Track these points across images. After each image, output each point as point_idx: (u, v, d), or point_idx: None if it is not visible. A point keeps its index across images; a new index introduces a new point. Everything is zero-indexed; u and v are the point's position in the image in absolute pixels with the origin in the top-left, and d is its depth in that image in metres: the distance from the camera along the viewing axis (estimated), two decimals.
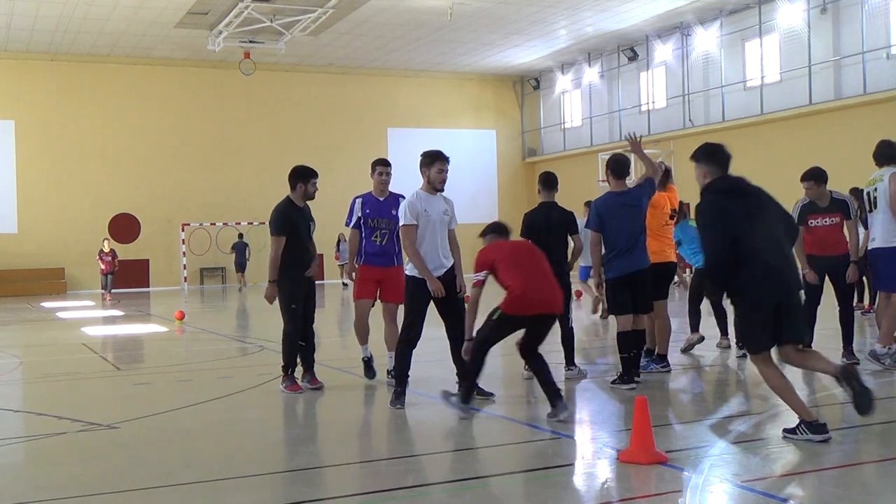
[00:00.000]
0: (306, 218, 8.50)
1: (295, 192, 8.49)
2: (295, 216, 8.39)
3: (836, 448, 5.57)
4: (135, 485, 5.23)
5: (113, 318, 18.88)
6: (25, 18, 26.03)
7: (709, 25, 28.27)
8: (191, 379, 9.89)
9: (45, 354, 12.57)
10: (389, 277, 8.40)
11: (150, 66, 31.51)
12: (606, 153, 31.85)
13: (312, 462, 5.74)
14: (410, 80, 35.28)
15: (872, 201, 8.47)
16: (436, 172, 7.49)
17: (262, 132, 33.09)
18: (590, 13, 27.55)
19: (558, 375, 7.89)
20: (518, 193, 37.69)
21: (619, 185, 8.34)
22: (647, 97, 31.57)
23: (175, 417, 7.44)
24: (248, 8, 25.04)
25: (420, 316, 7.27)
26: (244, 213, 32.35)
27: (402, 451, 6.10)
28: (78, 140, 30.90)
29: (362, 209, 8.53)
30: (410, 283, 7.31)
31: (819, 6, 24.75)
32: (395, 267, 8.40)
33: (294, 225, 8.35)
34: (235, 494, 5.02)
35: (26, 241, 30.28)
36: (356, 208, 8.57)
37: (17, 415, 7.86)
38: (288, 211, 8.41)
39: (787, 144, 24.42)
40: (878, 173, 8.48)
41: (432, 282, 7.16)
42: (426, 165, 7.51)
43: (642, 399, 5.37)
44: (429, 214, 7.37)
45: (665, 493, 4.82)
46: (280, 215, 8.39)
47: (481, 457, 5.77)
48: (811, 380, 7.83)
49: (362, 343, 8.73)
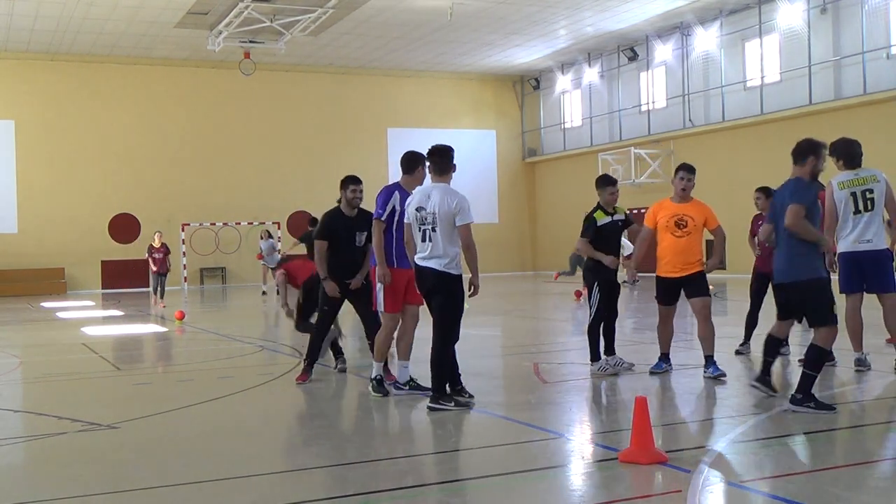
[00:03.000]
0: (350, 226, 8.45)
1: (341, 200, 8.60)
2: (335, 223, 8.51)
3: (837, 448, 5.57)
4: (135, 485, 5.23)
5: (113, 318, 18.88)
6: (25, 18, 26.04)
7: (709, 25, 28.28)
8: (191, 379, 9.89)
9: (45, 354, 12.57)
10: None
11: (150, 66, 31.52)
12: (606, 153, 31.95)
13: (312, 462, 5.74)
14: (410, 80, 35.29)
15: (869, 202, 8.15)
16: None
17: (262, 132, 33.10)
18: (590, 13, 27.56)
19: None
20: (518, 193, 37.71)
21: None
22: (647, 97, 31.57)
23: (175, 417, 7.44)
24: (248, 8, 25.04)
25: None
26: (244, 213, 32.38)
27: (402, 451, 6.10)
28: (78, 140, 30.92)
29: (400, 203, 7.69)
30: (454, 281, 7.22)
31: (819, 6, 24.75)
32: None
33: (333, 231, 8.47)
34: (235, 494, 5.02)
35: (26, 241, 30.30)
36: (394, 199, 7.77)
37: (17, 415, 7.85)
38: (329, 218, 8.61)
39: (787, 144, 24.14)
40: (867, 172, 8.25)
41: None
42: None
43: (642, 399, 5.37)
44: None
45: (665, 493, 4.82)
46: (322, 221, 8.71)
47: (481, 457, 5.76)
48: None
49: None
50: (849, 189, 8.21)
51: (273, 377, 9.32)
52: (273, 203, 32.64)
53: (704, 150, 28.59)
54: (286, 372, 9.62)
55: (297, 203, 32.26)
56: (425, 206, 7.13)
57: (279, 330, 15.48)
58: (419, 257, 7.19)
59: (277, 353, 11.74)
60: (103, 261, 31.35)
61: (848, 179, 8.23)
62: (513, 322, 16.38)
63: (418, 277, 7.24)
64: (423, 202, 7.17)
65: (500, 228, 36.95)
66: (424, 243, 7.12)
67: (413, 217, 7.21)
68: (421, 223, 7.14)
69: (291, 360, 10.58)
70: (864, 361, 8.38)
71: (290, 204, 32.69)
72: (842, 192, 8.20)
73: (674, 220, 8.50)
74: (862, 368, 8.33)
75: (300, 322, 10.01)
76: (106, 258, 31.34)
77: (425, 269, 7.14)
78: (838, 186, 8.22)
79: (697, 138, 29.02)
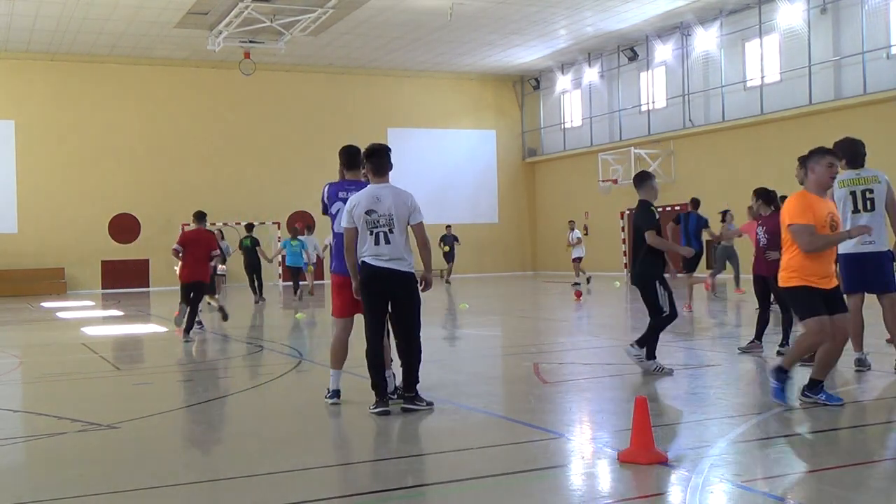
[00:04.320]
0: None
1: None
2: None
3: (837, 448, 5.57)
4: (135, 485, 5.23)
5: (113, 319, 18.89)
6: (25, 18, 26.05)
7: (709, 25, 28.28)
8: (191, 379, 9.90)
9: (45, 354, 12.57)
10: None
11: (150, 66, 31.53)
12: (606, 153, 31.94)
13: (312, 462, 5.74)
14: (410, 80, 35.29)
15: (868, 202, 8.13)
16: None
17: (262, 132, 33.11)
18: (590, 13, 27.56)
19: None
20: (518, 193, 37.71)
21: None
22: (647, 97, 31.57)
23: (175, 417, 7.44)
24: (248, 8, 25.05)
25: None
26: (244, 213, 32.33)
27: (401, 451, 6.10)
28: (78, 140, 30.92)
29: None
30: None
31: (819, 6, 24.75)
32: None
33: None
34: (235, 494, 5.02)
35: (26, 241, 30.30)
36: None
37: (17, 415, 7.85)
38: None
39: (787, 144, 24.40)
40: (868, 173, 8.25)
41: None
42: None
43: (642, 399, 5.37)
44: None
45: (665, 493, 4.82)
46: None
47: (481, 457, 5.76)
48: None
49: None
50: (848, 188, 8.20)
51: (273, 377, 9.32)
52: (273, 203, 32.64)
53: (704, 150, 28.61)
54: (286, 372, 9.63)
55: (297, 203, 32.26)
56: (376, 209, 6.95)
57: (279, 330, 15.47)
58: (374, 259, 6.95)
59: (277, 353, 11.74)
60: (103, 261, 31.35)
61: (849, 178, 8.22)
62: (513, 322, 16.38)
63: (377, 280, 6.97)
64: (372, 204, 6.96)
65: (500, 228, 36.97)
66: (379, 245, 6.94)
67: (362, 220, 6.96)
68: (373, 226, 6.95)
69: (291, 360, 10.59)
70: (864, 361, 8.38)
71: (289, 204, 32.69)
72: (841, 191, 8.20)
73: (829, 217, 6.83)
74: (862, 368, 8.33)
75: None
76: (106, 258, 31.36)
77: (388, 271, 6.96)
78: (839, 185, 8.18)
79: (697, 138, 29.03)
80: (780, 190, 10.79)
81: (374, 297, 7.04)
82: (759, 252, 9.86)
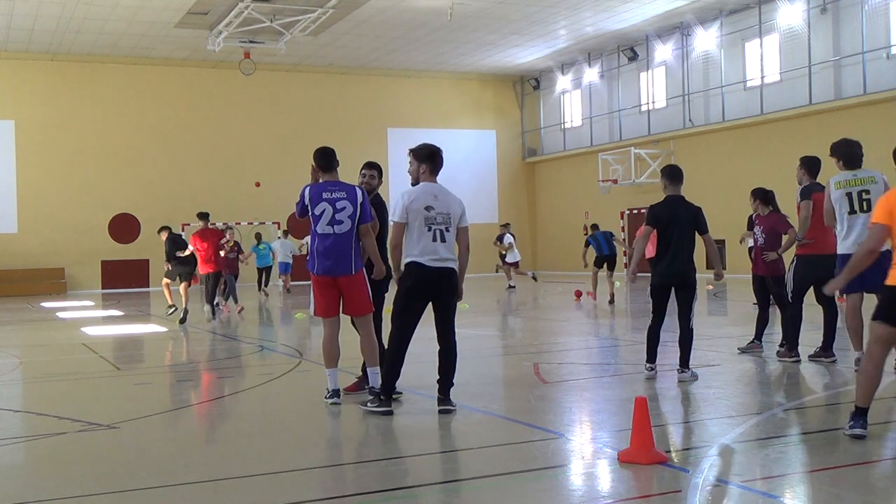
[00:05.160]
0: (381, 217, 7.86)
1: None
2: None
3: (836, 448, 5.57)
4: (135, 485, 5.23)
5: (113, 319, 18.88)
6: (25, 18, 26.05)
7: (709, 25, 28.28)
8: (191, 379, 9.89)
9: (45, 354, 12.57)
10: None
11: (150, 66, 31.52)
12: (606, 153, 31.94)
13: (313, 462, 5.74)
14: (410, 80, 35.29)
15: (865, 203, 8.08)
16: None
17: (262, 132, 33.11)
18: (590, 13, 27.56)
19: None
20: (518, 193, 37.70)
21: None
22: (647, 97, 31.58)
23: (175, 417, 7.44)
24: (248, 8, 25.05)
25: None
26: (244, 213, 32.40)
27: (401, 451, 6.10)
28: (78, 140, 30.92)
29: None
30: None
31: (819, 6, 24.76)
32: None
33: (381, 219, 7.87)
34: (235, 494, 5.01)
35: (26, 241, 30.31)
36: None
37: (17, 415, 7.85)
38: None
39: (787, 144, 24.42)
40: (865, 174, 8.25)
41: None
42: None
43: (642, 399, 5.37)
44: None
45: (665, 493, 4.82)
46: None
47: (481, 457, 5.76)
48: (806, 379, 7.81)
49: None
50: (844, 189, 8.21)
51: (273, 377, 9.32)
52: (273, 203, 32.63)
53: (704, 151, 28.61)
54: (286, 372, 9.63)
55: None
56: (434, 206, 6.88)
57: (279, 330, 15.47)
58: (428, 260, 6.80)
59: (277, 353, 11.74)
60: (103, 261, 31.36)
61: (845, 179, 8.23)
62: (513, 322, 16.39)
63: (430, 283, 6.81)
64: (431, 201, 6.89)
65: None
66: (436, 243, 6.83)
67: (420, 215, 6.84)
68: (432, 222, 6.84)
69: (291, 360, 10.59)
70: None
71: (290, 204, 32.51)
72: (838, 192, 8.21)
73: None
74: None
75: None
76: (106, 258, 31.36)
77: (444, 271, 6.82)
78: (835, 186, 8.22)
79: (697, 138, 29.03)
80: (780, 190, 10.79)
81: (420, 301, 6.88)
82: (757, 252, 9.86)
